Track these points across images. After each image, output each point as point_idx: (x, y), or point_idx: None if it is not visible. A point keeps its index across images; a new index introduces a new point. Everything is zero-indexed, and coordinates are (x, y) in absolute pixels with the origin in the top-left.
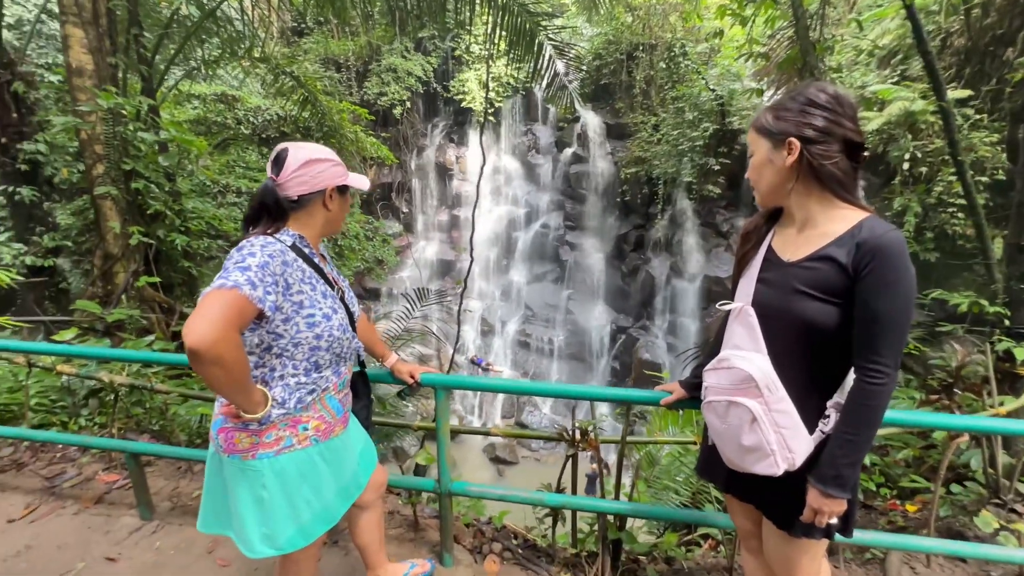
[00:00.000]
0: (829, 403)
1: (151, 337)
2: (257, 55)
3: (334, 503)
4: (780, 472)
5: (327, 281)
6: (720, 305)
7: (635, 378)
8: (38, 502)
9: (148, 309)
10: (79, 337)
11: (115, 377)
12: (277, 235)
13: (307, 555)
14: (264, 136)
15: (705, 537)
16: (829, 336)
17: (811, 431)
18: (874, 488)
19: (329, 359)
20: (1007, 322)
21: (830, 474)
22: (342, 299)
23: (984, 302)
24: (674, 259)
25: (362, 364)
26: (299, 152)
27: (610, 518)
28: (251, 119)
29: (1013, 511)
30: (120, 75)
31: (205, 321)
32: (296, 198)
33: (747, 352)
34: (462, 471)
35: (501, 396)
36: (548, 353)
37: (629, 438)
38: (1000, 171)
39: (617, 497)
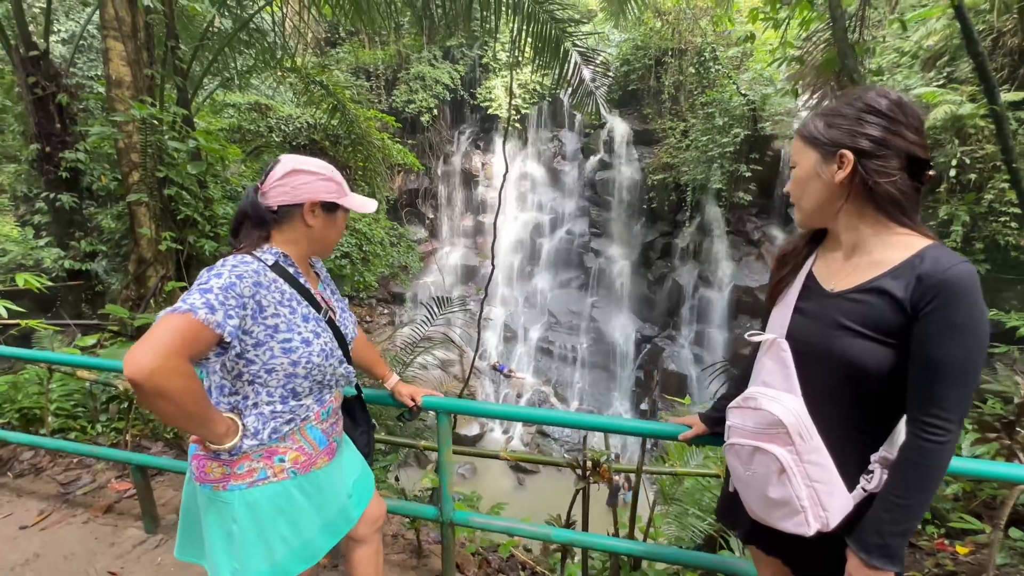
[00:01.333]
0: (874, 457)
1: None
2: (289, 65)
3: (316, 540)
4: (812, 532)
5: (312, 303)
6: (749, 335)
7: (658, 389)
8: (51, 509)
9: None
10: (110, 339)
11: (127, 384)
12: (258, 252)
13: None
14: (295, 143)
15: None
16: (877, 381)
17: (850, 488)
18: (920, 525)
19: (309, 387)
20: None
21: (875, 543)
22: (331, 322)
23: None
24: (702, 268)
25: (357, 388)
26: (288, 162)
27: (623, 557)
28: (282, 127)
29: None
30: (157, 86)
31: (146, 349)
32: (276, 208)
33: (778, 392)
34: (483, 478)
35: (523, 404)
36: (571, 361)
37: (645, 468)
38: None
39: (632, 532)
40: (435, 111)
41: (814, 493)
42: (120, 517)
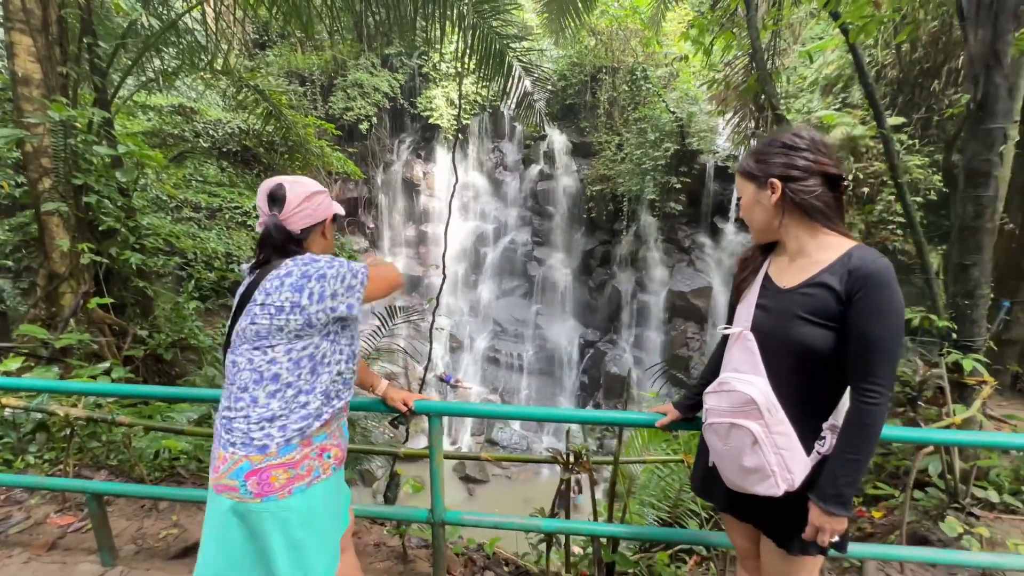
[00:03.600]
0: (825, 425)
1: (107, 364)
2: (218, 67)
3: (336, 536)
4: (780, 492)
5: None
6: (721, 329)
7: (602, 392)
8: None
9: (98, 332)
10: (22, 363)
11: (70, 410)
12: None
13: None
14: (225, 150)
15: (688, 552)
16: (824, 359)
17: (808, 452)
18: None
19: (351, 379)
20: (954, 336)
21: (831, 492)
22: None
23: (934, 317)
24: (639, 274)
25: None
26: (297, 187)
27: (603, 540)
28: (211, 132)
29: (971, 514)
30: (71, 85)
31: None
32: (300, 231)
33: (747, 375)
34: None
35: None
36: (517, 368)
37: (621, 458)
38: (932, 192)
39: (610, 519)
40: (374, 119)
41: (781, 459)
42: (68, 553)
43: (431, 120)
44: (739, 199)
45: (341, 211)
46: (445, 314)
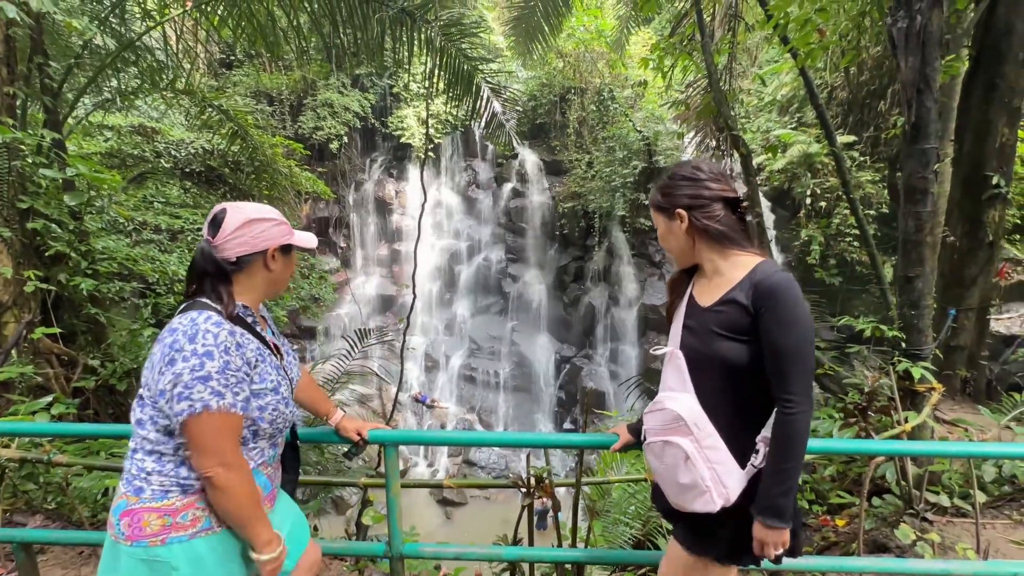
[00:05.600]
0: (758, 438)
1: (49, 398)
2: (181, 87)
3: None
4: (717, 508)
5: (271, 349)
6: (653, 350)
7: (579, 407)
8: None
9: (45, 363)
10: None
11: (1, 451)
12: (221, 307)
13: None
14: (188, 170)
15: (655, 571)
16: (746, 373)
17: (743, 466)
18: (807, 506)
19: (270, 431)
20: (903, 344)
21: (766, 504)
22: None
23: (884, 327)
24: (612, 289)
25: (294, 435)
26: (237, 213)
27: (568, 566)
28: (173, 152)
29: (925, 519)
30: (18, 106)
31: (208, 458)
32: (235, 259)
33: (677, 393)
34: (409, 515)
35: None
36: (494, 386)
37: (583, 480)
38: (884, 206)
39: (574, 543)
40: (345, 138)
41: (715, 474)
42: None
43: (403, 139)
44: (656, 228)
45: (302, 243)
46: (420, 333)
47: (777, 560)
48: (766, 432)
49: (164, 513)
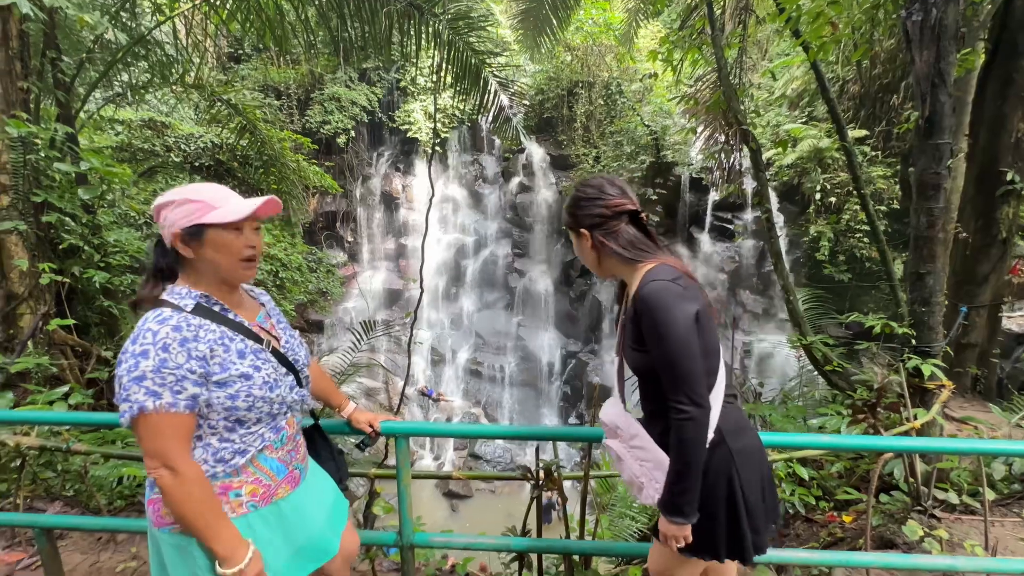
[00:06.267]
0: None
1: (64, 388)
2: (190, 81)
3: (287, 569)
4: (655, 502)
5: (249, 335)
6: (611, 362)
7: (585, 402)
8: None
9: (60, 354)
10: None
11: (22, 439)
12: (175, 299)
13: None
14: (197, 164)
15: None
16: (655, 379)
17: None
18: (813, 502)
19: (256, 417)
20: (913, 341)
21: (664, 500)
22: (276, 351)
23: (894, 324)
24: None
25: (313, 415)
26: (157, 200)
27: (576, 557)
28: (182, 146)
29: (933, 516)
30: (32, 100)
31: (149, 460)
32: (169, 247)
33: (612, 398)
34: (415, 508)
35: None
36: (500, 381)
37: (590, 474)
38: (895, 201)
39: (582, 535)
40: (352, 133)
41: (646, 470)
42: None
43: (410, 134)
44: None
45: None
46: (426, 327)
47: (696, 552)
48: None
49: None
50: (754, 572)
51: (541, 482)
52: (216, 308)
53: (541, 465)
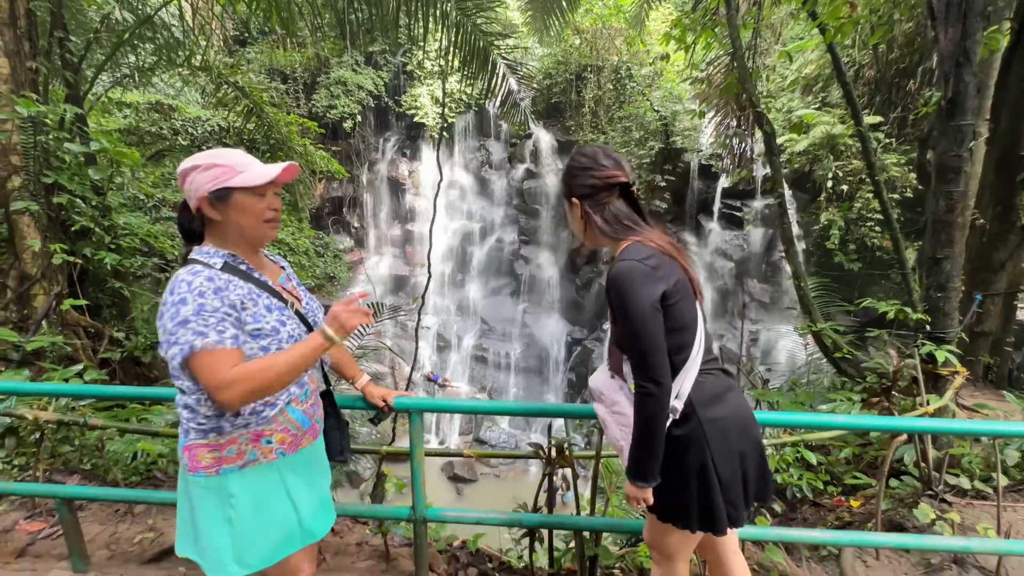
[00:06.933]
0: None
1: (79, 366)
2: (197, 63)
3: (311, 517)
4: None
5: (274, 294)
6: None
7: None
8: None
9: (72, 335)
10: None
11: (40, 413)
12: (204, 257)
13: (283, 572)
14: (204, 147)
15: None
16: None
17: None
18: (821, 487)
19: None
20: (928, 327)
21: (628, 464)
22: (297, 312)
23: (908, 310)
24: None
25: (327, 381)
26: (181, 167)
27: (586, 534)
28: (189, 130)
29: (944, 501)
30: (41, 81)
31: (215, 392)
32: (195, 211)
33: (602, 366)
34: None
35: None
36: (505, 367)
37: (602, 453)
38: (908, 190)
39: (592, 512)
40: (358, 117)
41: (625, 434)
42: (39, 560)
43: (416, 118)
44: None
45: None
46: (432, 313)
47: (668, 519)
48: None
49: (212, 448)
50: (763, 551)
51: (554, 460)
52: (243, 267)
53: (553, 443)
